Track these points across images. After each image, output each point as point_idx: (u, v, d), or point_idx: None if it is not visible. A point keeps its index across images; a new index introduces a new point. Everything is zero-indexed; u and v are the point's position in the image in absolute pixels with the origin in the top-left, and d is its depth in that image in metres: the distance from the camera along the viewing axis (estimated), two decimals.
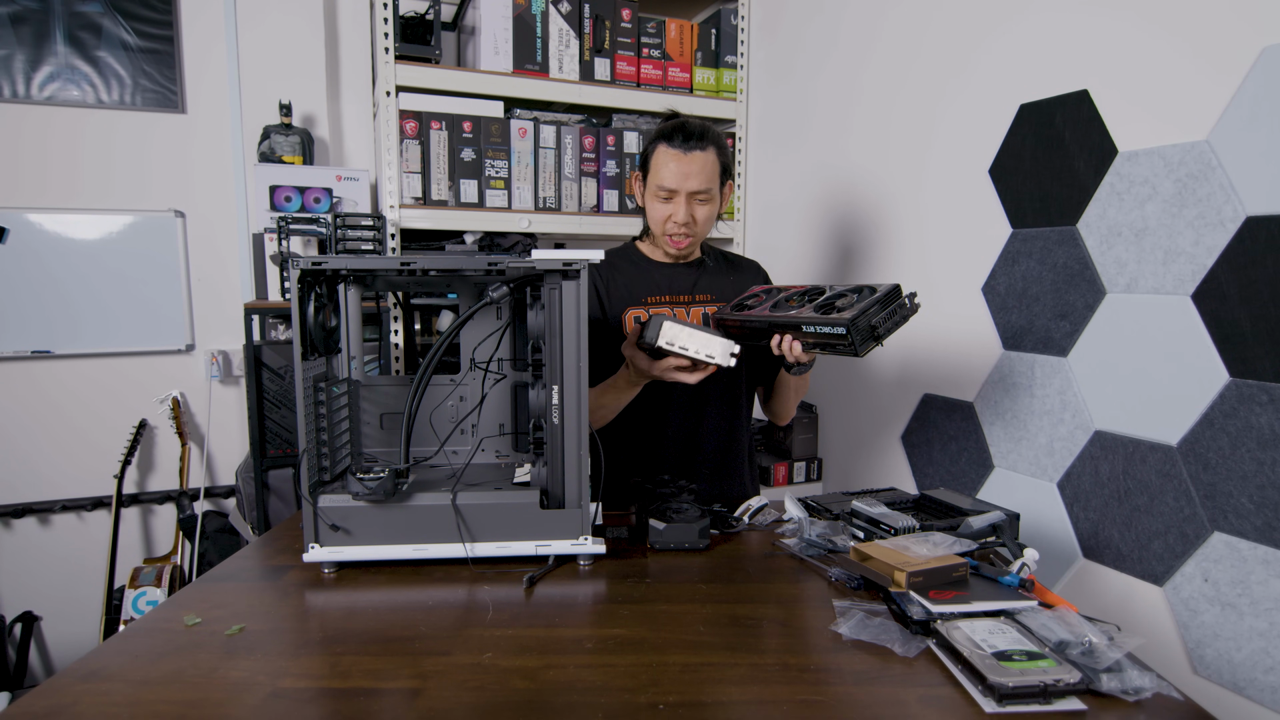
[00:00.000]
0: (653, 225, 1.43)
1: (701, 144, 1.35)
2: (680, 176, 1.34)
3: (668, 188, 1.36)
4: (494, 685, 0.75)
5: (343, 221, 1.92)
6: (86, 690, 0.73)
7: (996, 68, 1.50)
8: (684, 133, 1.35)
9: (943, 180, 1.64)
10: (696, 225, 1.39)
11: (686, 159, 1.34)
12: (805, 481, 2.08)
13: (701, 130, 1.36)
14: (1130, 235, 1.25)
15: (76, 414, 2.39)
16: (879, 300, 1.05)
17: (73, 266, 2.32)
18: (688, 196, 1.36)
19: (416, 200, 1.99)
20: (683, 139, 1.35)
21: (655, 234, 1.43)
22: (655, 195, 1.39)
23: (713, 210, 1.41)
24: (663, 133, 1.38)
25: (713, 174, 1.37)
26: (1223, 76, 1.12)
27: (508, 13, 2.02)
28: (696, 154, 1.34)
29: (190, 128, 2.41)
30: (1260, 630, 1.09)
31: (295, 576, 1.02)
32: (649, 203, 1.42)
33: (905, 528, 1.06)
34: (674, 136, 1.35)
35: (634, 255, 1.50)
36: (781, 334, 1.20)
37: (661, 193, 1.37)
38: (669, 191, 1.36)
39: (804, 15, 2.09)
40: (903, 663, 0.79)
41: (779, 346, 1.21)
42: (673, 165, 1.34)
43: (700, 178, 1.35)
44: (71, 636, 2.46)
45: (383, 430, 1.22)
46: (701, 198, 1.37)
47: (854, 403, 1.95)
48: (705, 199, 1.37)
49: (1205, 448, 1.15)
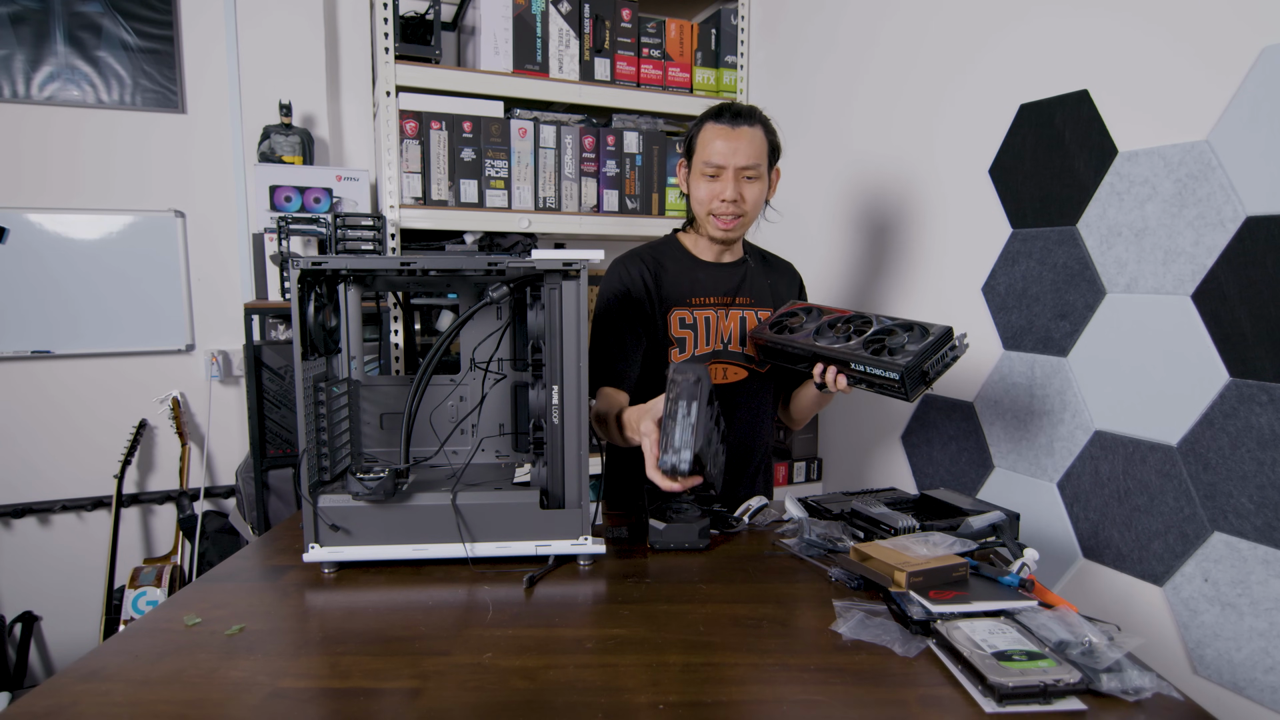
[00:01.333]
0: (698, 206, 1.39)
1: (750, 120, 1.33)
2: (728, 151, 1.31)
3: (715, 163, 1.32)
4: (494, 685, 0.74)
5: (343, 221, 1.92)
6: (86, 690, 0.73)
7: (996, 68, 1.50)
8: (731, 110, 1.34)
9: (943, 180, 1.64)
10: (745, 204, 1.35)
11: (734, 134, 1.32)
12: (805, 481, 2.08)
13: (750, 109, 1.35)
14: (1130, 235, 1.25)
15: (76, 414, 2.39)
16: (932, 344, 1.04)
17: (73, 266, 2.32)
18: (735, 172, 1.33)
19: (416, 200, 1.99)
20: (731, 115, 1.33)
21: (700, 216, 1.39)
22: (701, 174, 1.35)
23: (761, 190, 1.37)
24: (709, 112, 1.36)
25: (761, 151, 1.34)
26: (1223, 76, 1.12)
27: (508, 13, 2.02)
28: (744, 129, 1.32)
29: (190, 128, 2.41)
30: (1260, 630, 1.09)
31: (295, 576, 1.02)
32: (695, 183, 1.38)
33: (905, 528, 1.06)
34: (721, 114, 1.34)
35: (677, 251, 1.45)
36: (826, 364, 1.20)
37: (709, 169, 1.34)
38: (716, 168, 1.33)
39: (804, 15, 2.09)
40: (903, 663, 0.79)
41: (822, 376, 1.20)
42: (719, 142, 1.32)
43: (748, 152, 1.32)
44: (71, 636, 2.46)
45: (383, 430, 1.22)
46: (750, 174, 1.34)
47: (854, 403, 1.95)
48: (754, 175, 1.34)
49: (1205, 448, 1.15)
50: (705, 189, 1.35)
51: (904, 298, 1.76)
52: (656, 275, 1.40)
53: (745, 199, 1.35)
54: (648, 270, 1.40)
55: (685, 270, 1.43)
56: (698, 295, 1.42)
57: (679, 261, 1.44)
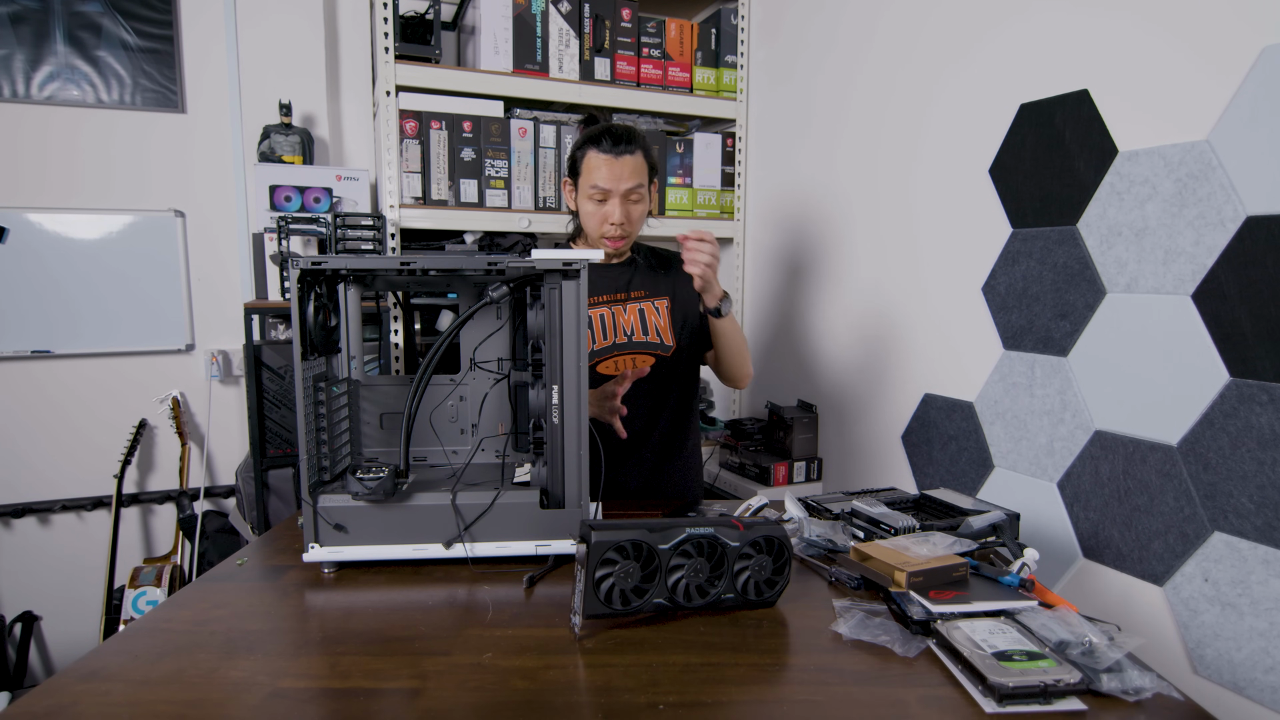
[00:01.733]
0: (588, 227, 1.49)
1: (630, 148, 1.43)
2: (612, 178, 1.41)
3: (602, 188, 1.42)
4: (494, 685, 0.74)
5: (343, 221, 1.92)
6: (86, 690, 0.73)
7: (996, 67, 1.50)
8: (611, 137, 1.43)
9: (943, 180, 1.64)
10: (631, 225, 1.46)
11: (617, 162, 1.42)
12: (805, 481, 2.08)
13: (629, 133, 1.44)
14: (1130, 235, 1.25)
15: (76, 414, 2.39)
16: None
17: (73, 266, 2.32)
18: (621, 197, 1.43)
19: (416, 200, 1.99)
20: (611, 143, 1.42)
21: (591, 236, 1.49)
22: (589, 197, 1.44)
23: (645, 208, 1.49)
24: (590, 137, 1.45)
25: (642, 173, 1.45)
26: (1223, 76, 1.11)
27: (508, 12, 2.02)
28: (626, 157, 1.42)
29: (190, 127, 2.41)
30: (1260, 630, 1.09)
31: (295, 576, 1.02)
32: (583, 204, 1.47)
33: (905, 528, 1.06)
34: (602, 141, 1.43)
35: None
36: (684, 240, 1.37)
37: (596, 193, 1.43)
38: (603, 192, 1.43)
39: (804, 15, 2.09)
40: (903, 663, 0.79)
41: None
42: (604, 169, 1.42)
43: (631, 178, 1.42)
44: (71, 636, 2.46)
45: (383, 430, 1.22)
46: (634, 197, 1.44)
47: (854, 403, 1.95)
48: (637, 198, 1.45)
49: (1205, 447, 1.15)
50: (594, 212, 1.46)
51: (904, 298, 1.76)
52: None
53: (631, 220, 1.46)
54: None
55: None
56: (590, 295, 1.49)
57: None
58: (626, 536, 0.85)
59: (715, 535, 0.88)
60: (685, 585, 0.88)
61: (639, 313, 1.53)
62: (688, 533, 0.87)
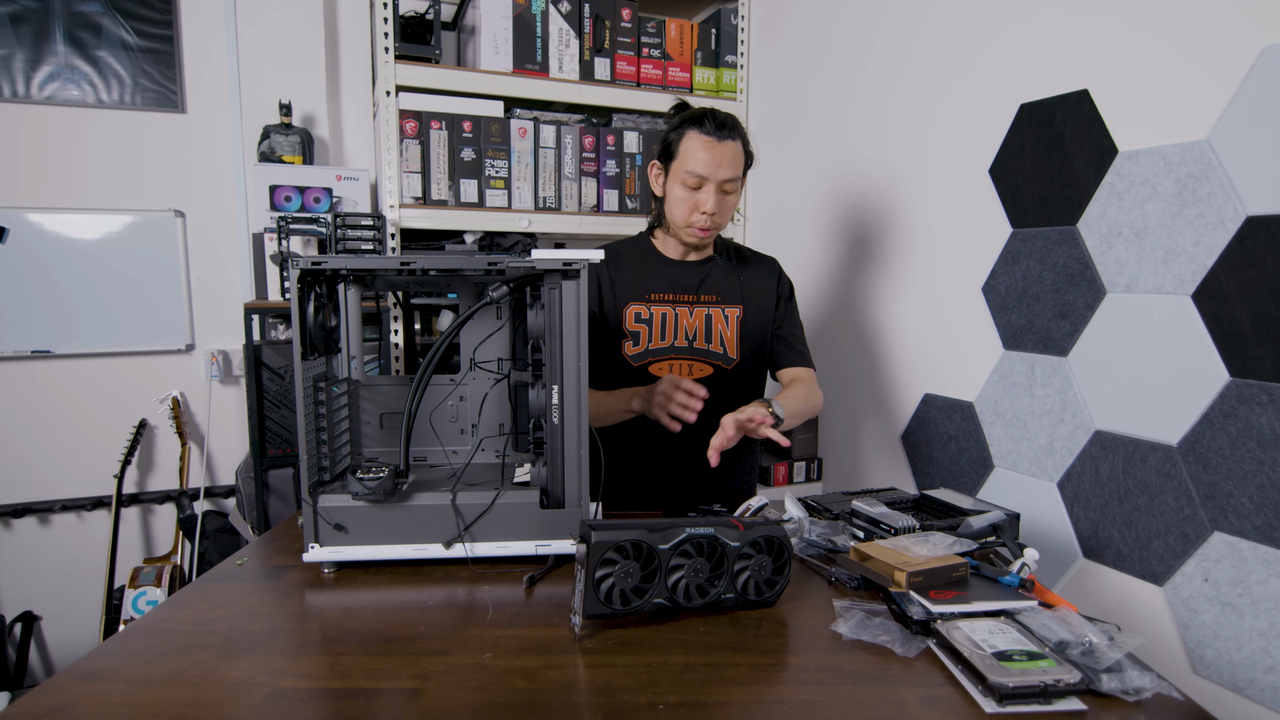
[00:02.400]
0: (675, 214, 1.39)
1: (733, 134, 1.34)
2: (713, 165, 1.32)
3: (699, 174, 1.33)
4: (494, 685, 0.74)
5: (343, 221, 1.92)
6: (86, 690, 0.73)
7: (996, 67, 1.50)
8: (715, 120, 1.33)
9: (943, 180, 1.64)
10: (722, 216, 1.37)
11: (719, 147, 1.32)
12: (805, 481, 2.08)
13: (733, 120, 1.35)
14: (1130, 235, 1.25)
15: (76, 414, 2.39)
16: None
17: (73, 266, 2.32)
18: (718, 185, 1.34)
19: (416, 200, 1.99)
20: (715, 126, 1.32)
21: (677, 225, 1.40)
22: (682, 183, 1.35)
23: (737, 201, 1.40)
24: (692, 118, 1.35)
25: (741, 164, 1.36)
26: (1223, 76, 1.11)
27: (508, 12, 2.02)
28: (729, 143, 1.33)
29: (190, 127, 2.41)
30: (1260, 630, 1.09)
31: (295, 576, 1.02)
32: (673, 190, 1.38)
33: (905, 528, 1.06)
34: (704, 123, 1.33)
35: (645, 248, 1.48)
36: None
37: (691, 179, 1.34)
38: (699, 179, 1.33)
39: (804, 15, 2.09)
40: (903, 663, 0.79)
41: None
42: (704, 153, 1.32)
43: (732, 167, 1.33)
44: (71, 636, 2.46)
45: (383, 430, 1.22)
46: (728, 187, 1.35)
47: (854, 403, 1.95)
48: (732, 189, 1.36)
49: (1205, 447, 1.15)
50: (686, 198, 1.36)
51: (904, 298, 1.76)
52: (612, 273, 1.43)
53: (723, 211, 1.37)
54: (602, 269, 1.42)
55: (648, 266, 1.45)
56: (656, 291, 1.43)
57: (643, 257, 1.46)
58: (626, 536, 0.85)
59: (715, 535, 0.88)
60: (685, 585, 0.88)
61: (705, 318, 1.44)
62: (688, 533, 0.87)
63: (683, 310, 1.44)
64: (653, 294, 1.43)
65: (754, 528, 0.91)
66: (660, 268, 1.45)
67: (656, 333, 1.42)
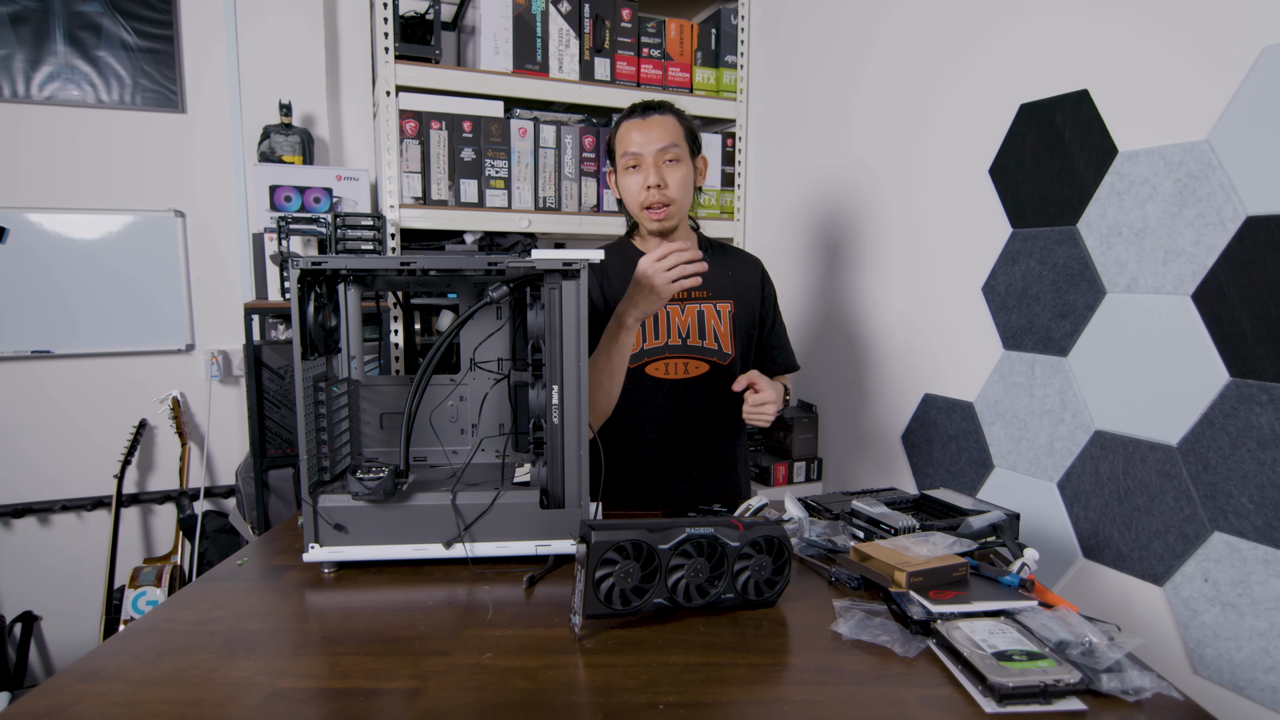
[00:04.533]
0: (629, 205, 1.42)
1: (660, 110, 1.38)
2: (642, 140, 1.36)
3: (632, 153, 1.36)
4: (494, 685, 0.74)
5: (343, 221, 1.92)
6: (86, 690, 0.73)
7: (996, 67, 1.50)
8: (642, 105, 1.39)
9: (943, 180, 1.64)
10: (670, 190, 1.36)
11: (646, 123, 1.36)
12: (805, 481, 2.08)
13: (660, 101, 1.40)
14: (1130, 235, 1.25)
15: (76, 414, 2.39)
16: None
17: (73, 266, 2.32)
18: (655, 156, 1.35)
19: (416, 200, 1.99)
20: (642, 109, 1.38)
21: (635, 213, 1.42)
22: (625, 169, 1.39)
23: (686, 174, 1.38)
24: (622, 114, 1.42)
25: (677, 134, 1.37)
26: (1223, 76, 1.12)
27: (508, 12, 2.02)
28: (655, 117, 1.36)
29: (190, 128, 2.41)
30: (1260, 630, 1.09)
31: (295, 576, 1.02)
32: (622, 181, 1.41)
33: (905, 528, 1.06)
34: (633, 111, 1.39)
35: (628, 250, 1.49)
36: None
37: (629, 160, 1.37)
38: (634, 157, 1.36)
39: (804, 15, 2.09)
40: (903, 663, 0.79)
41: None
42: (634, 133, 1.37)
43: (662, 135, 1.35)
44: (71, 636, 2.46)
45: (383, 430, 1.22)
46: (669, 156, 1.36)
47: (854, 403, 1.95)
48: (674, 158, 1.36)
49: (1205, 448, 1.15)
50: (631, 182, 1.38)
51: (904, 297, 1.76)
52: (602, 279, 1.44)
53: (669, 184, 1.36)
54: (596, 274, 1.43)
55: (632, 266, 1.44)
56: None
57: (627, 259, 1.46)
58: (626, 536, 0.85)
59: (715, 535, 0.88)
60: (685, 585, 0.88)
61: (698, 314, 1.44)
62: (688, 533, 0.87)
63: (674, 308, 1.44)
64: None
65: (754, 528, 0.91)
66: None
67: (650, 332, 1.43)
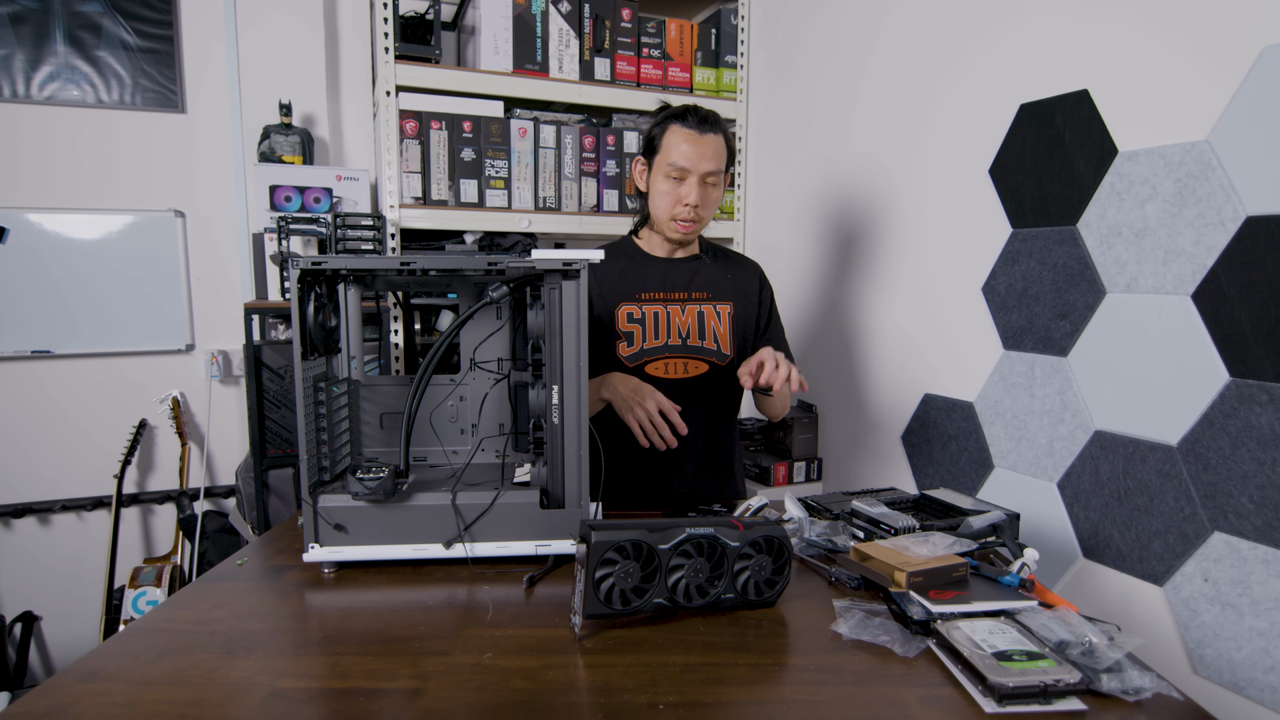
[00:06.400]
0: (659, 208, 1.41)
1: (715, 128, 1.36)
2: (695, 157, 1.34)
3: (681, 166, 1.35)
4: (494, 685, 0.74)
5: (343, 221, 1.92)
6: (86, 690, 0.73)
7: (996, 67, 1.50)
8: (698, 114, 1.35)
9: (943, 180, 1.64)
10: (704, 209, 1.38)
11: (701, 140, 1.34)
12: (805, 481, 2.07)
13: (715, 115, 1.38)
14: (1130, 235, 1.25)
15: (76, 414, 2.39)
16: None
17: (73, 266, 2.32)
18: (700, 177, 1.35)
19: (416, 200, 1.99)
20: (697, 120, 1.35)
21: (661, 219, 1.41)
22: (666, 176, 1.37)
23: (720, 195, 1.40)
24: (675, 113, 1.37)
25: (723, 158, 1.38)
26: (1223, 76, 1.12)
27: (508, 13, 2.02)
28: (710, 136, 1.35)
29: (190, 128, 2.41)
30: (1260, 630, 1.09)
31: (295, 576, 1.02)
32: (657, 183, 1.39)
33: (905, 528, 1.06)
34: (687, 117, 1.35)
35: (630, 249, 1.49)
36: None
37: (674, 172, 1.36)
38: (681, 171, 1.35)
39: (804, 15, 2.09)
40: (903, 663, 0.79)
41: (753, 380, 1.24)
42: (687, 146, 1.34)
43: (714, 160, 1.35)
44: (71, 636, 2.46)
45: (383, 430, 1.22)
46: (712, 180, 1.37)
47: (854, 403, 1.95)
48: (715, 182, 1.37)
49: (1205, 448, 1.15)
50: (669, 191, 1.38)
51: (904, 298, 1.76)
52: (600, 274, 1.43)
53: (705, 204, 1.38)
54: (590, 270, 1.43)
55: (637, 266, 1.45)
56: (647, 290, 1.44)
57: (631, 258, 1.46)
58: (626, 536, 0.85)
59: (715, 535, 0.88)
60: (685, 585, 0.88)
61: (698, 315, 1.44)
62: (688, 533, 0.87)
63: (674, 308, 1.44)
64: (643, 293, 1.44)
65: (754, 528, 0.91)
66: (649, 267, 1.46)
67: (650, 332, 1.43)
